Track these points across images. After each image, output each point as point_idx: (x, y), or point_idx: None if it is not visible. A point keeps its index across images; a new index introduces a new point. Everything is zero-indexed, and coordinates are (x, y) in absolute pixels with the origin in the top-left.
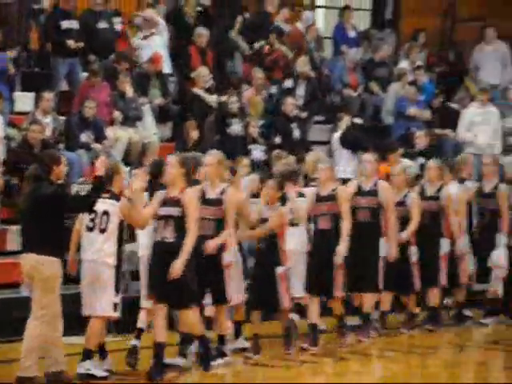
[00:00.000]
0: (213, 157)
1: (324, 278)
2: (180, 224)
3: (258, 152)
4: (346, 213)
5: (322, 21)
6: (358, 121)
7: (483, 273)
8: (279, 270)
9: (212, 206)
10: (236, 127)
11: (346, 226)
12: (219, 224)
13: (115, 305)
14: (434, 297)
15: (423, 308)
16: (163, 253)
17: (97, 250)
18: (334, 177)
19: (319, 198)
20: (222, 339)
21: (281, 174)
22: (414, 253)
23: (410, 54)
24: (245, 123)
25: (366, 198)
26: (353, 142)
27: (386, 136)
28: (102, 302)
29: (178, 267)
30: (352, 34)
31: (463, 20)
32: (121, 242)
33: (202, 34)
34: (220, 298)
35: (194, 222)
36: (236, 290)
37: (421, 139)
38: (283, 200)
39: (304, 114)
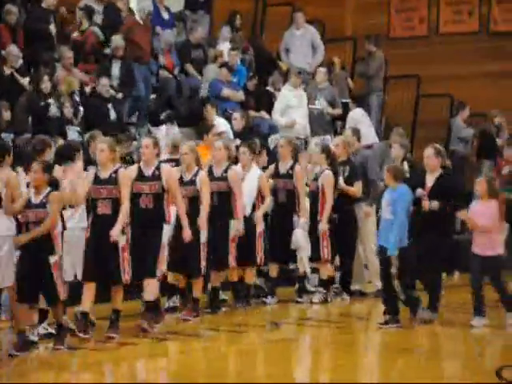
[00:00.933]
0: None
1: (104, 265)
2: None
3: (73, 133)
4: (124, 198)
5: (135, 2)
6: None
7: (279, 252)
8: (51, 259)
9: None
10: (51, 108)
11: (123, 210)
12: None
13: None
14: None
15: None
16: None
17: None
18: (115, 159)
19: (98, 181)
20: None
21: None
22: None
23: (225, 36)
24: (60, 104)
25: (148, 183)
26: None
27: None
28: None
29: None
30: (166, 15)
31: (274, 4)
32: None
33: (12, 11)
34: None
35: None
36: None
37: (237, 121)
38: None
39: (119, 95)
